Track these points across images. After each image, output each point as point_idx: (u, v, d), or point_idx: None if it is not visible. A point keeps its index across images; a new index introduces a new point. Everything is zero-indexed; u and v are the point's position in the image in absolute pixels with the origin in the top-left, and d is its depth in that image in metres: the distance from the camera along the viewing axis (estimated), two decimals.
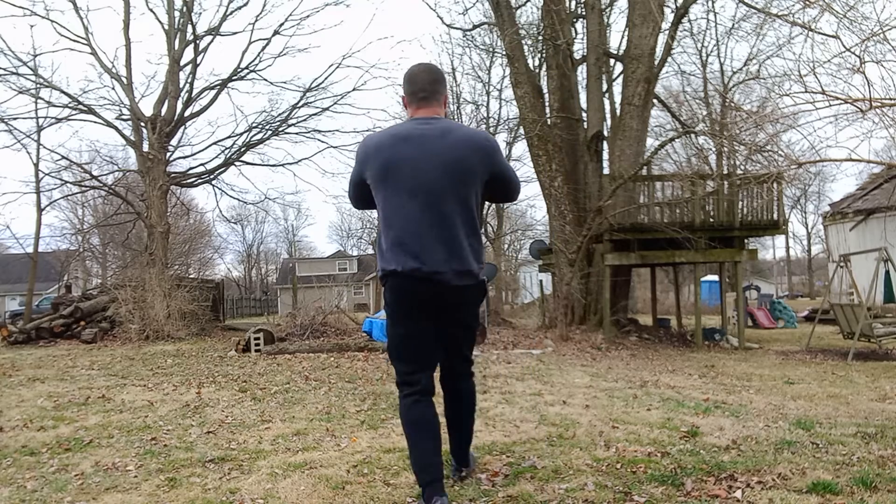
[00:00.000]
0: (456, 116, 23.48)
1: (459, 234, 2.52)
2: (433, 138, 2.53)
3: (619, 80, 13.28)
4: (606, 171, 12.47)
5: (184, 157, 16.00)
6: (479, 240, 2.64)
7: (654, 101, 13.55)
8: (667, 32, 12.48)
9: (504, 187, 2.71)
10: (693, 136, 13.99)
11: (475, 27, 17.32)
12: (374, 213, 2.93)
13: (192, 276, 22.03)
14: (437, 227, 2.49)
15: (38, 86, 14.01)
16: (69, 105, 14.33)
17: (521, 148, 25.30)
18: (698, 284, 11.88)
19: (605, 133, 12.81)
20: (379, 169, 2.55)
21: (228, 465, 3.41)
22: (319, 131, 16.16)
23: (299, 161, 16.37)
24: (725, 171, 13.00)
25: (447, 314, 2.63)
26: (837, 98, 5.49)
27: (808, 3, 6.27)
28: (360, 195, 2.73)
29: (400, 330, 2.64)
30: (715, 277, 21.79)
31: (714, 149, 14.56)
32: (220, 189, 16.95)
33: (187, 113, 15.17)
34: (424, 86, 2.65)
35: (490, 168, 2.59)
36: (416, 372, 2.60)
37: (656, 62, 12.38)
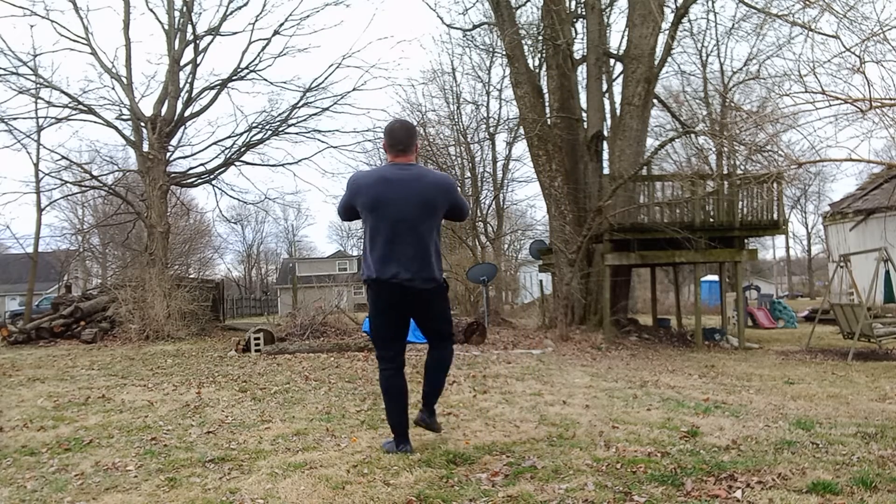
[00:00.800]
0: (456, 117, 23.60)
1: (427, 252, 3.38)
2: (410, 182, 3.37)
3: (619, 80, 13.27)
4: (606, 171, 12.46)
5: (184, 157, 16.02)
6: (440, 255, 3.51)
7: (654, 101, 13.54)
8: (667, 32, 12.47)
9: (458, 213, 3.58)
10: (693, 136, 13.99)
11: (475, 27, 17.32)
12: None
13: (192, 276, 22.03)
14: (412, 247, 3.34)
15: (38, 86, 14.03)
16: (69, 105, 14.35)
17: (521, 148, 25.26)
18: (698, 284, 11.88)
19: (605, 133, 12.81)
20: (369, 202, 3.36)
21: (228, 465, 3.41)
22: (319, 131, 16.23)
23: (299, 161, 16.41)
24: (725, 171, 12.99)
25: (418, 309, 3.49)
26: (837, 98, 5.49)
27: (808, 3, 6.27)
28: (348, 214, 3.58)
29: (379, 319, 3.50)
30: (715, 277, 21.79)
31: (714, 149, 14.56)
32: (220, 189, 16.99)
33: (187, 113, 15.18)
34: (402, 139, 3.46)
35: (449, 202, 3.48)
36: (389, 348, 3.50)
37: (656, 62, 12.37)
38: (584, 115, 13.28)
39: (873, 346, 10.06)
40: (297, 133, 16.12)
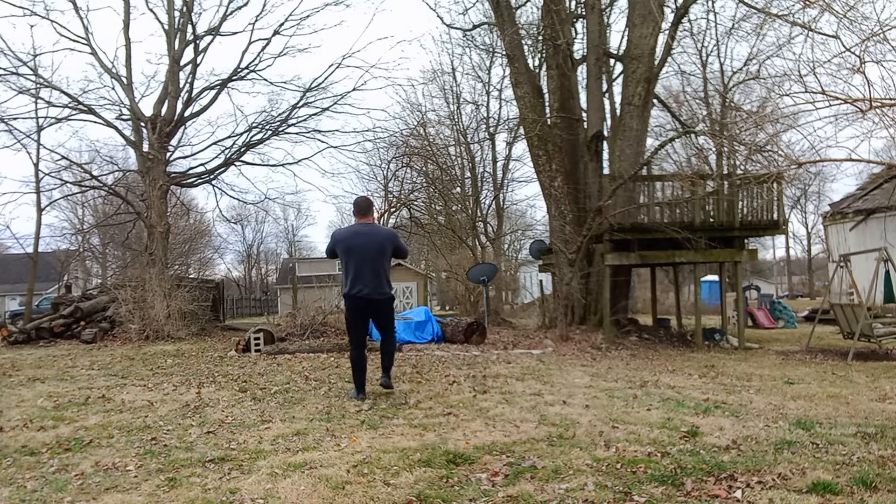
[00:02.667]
0: (456, 117, 23.67)
1: (380, 277, 5.40)
2: (369, 234, 5.47)
3: (619, 80, 13.27)
4: (606, 171, 12.45)
5: (184, 157, 15.99)
6: (389, 278, 5.51)
7: (654, 101, 13.52)
8: (667, 32, 12.46)
9: (399, 252, 5.68)
10: (693, 136, 13.98)
11: (475, 27, 17.35)
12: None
13: (192, 276, 22.00)
14: (371, 273, 5.36)
15: (38, 86, 14.00)
16: (69, 105, 14.32)
17: (521, 148, 25.24)
18: (698, 284, 11.88)
19: (605, 133, 12.80)
20: (345, 248, 5.45)
21: (228, 465, 3.41)
22: (319, 131, 16.19)
23: (299, 161, 16.39)
24: (725, 171, 12.99)
25: (377, 313, 5.53)
26: (837, 98, 5.48)
27: (808, 3, 6.27)
28: (332, 255, 5.64)
29: (352, 319, 5.54)
30: (715, 277, 21.78)
31: (714, 149, 14.55)
32: (220, 189, 16.94)
33: (187, 113, 15.16)
34: (363, 208, 5.64)
35: (393, 245, 5.57)
36: (358, 336, 5.54)
37: (656, 62, 12.37)
38: (584, 115, 13.27)
39: (873, 346, 10.06)
40: (297, 133, 16.12)
